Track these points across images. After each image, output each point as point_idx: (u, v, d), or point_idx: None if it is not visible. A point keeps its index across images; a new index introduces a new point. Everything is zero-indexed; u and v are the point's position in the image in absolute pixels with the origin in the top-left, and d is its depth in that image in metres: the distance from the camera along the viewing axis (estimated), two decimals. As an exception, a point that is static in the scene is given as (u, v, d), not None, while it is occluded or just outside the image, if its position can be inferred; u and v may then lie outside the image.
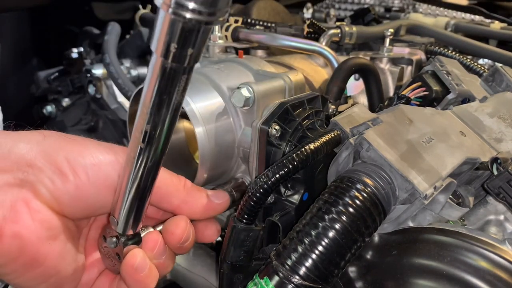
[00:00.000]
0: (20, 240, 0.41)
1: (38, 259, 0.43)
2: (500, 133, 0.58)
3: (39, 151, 0.43)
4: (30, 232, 0.42)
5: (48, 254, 0.43)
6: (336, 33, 0.91)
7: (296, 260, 0.40)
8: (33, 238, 0.42)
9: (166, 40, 0.31)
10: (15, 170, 0.42)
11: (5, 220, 0.40)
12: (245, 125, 0.63)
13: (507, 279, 0.40)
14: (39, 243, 0.43)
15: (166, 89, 0.35)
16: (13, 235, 0.41)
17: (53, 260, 0.44)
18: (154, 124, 0.37)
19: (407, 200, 0.45)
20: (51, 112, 1.25)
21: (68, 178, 0.44)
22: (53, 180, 0.43)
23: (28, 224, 0.42)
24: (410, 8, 1.68)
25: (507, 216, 0.52)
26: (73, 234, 0.48)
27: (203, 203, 0.52)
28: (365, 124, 0.50)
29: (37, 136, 0.45)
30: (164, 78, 0.34)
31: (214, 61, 0.76)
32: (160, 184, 0.51)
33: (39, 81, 1.24)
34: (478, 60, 1.10)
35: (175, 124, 0.39)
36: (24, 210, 0.41)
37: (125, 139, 1.14)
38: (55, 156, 0.44)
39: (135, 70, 1.17)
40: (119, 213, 0.45)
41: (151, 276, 0.46)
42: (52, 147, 0.44)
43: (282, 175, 0.46)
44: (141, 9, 1.15)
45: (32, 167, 0.42)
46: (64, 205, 0.44)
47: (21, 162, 0.42)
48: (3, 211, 0.40)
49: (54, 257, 0.44)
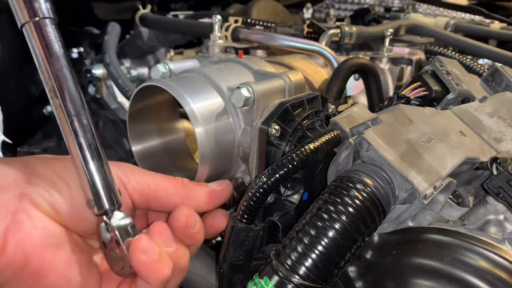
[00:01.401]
0: (24, 248, 0.42)
1: (44, 268, 0.43)
2: (500, 133, 0.58)
3: (34, 169, 0.46)
4: (33, 239, 0.42)
5: (54, 262, 0.44)
6: (336, 33, 0.91)
7: (296, 260, 0.40)
8: (37, 245, 0.43)
9: None
10: (13, 187, 0.44)
11: (8, 230, 0.41)
12: (245, 125, 0.63)
13: (507, 279, 0.40)
14: (43, 250, 0.43)
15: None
16: (16, 243, 0.41)
17: (60, 269, 0.44)
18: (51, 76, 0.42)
19: (407, 200, 0.45)
20: (51, 112, 1.25)
21: (62, 189, 0.46)
22: (49, 192, 0.45)
23: (30, 231, 0.42)
24: (410, 8, 1.69)
25: (507, 216, 0.52)
26: (82, 247, 0.48)
27: (205, 193, 0.54)
28: (365, 124, 0.50)
29: (30, 158, 0.49)
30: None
31: (214, 61, 0.76)
32: (158, 188, 0.51)
33: (39, 81, 1.23)
34: (478, 60, 1.10)
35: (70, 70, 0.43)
36: (26, 220, 0.43)
37: (125, 139, 1.14)
38: (47, 171, 0.46)
39: (135, 70, 1.17)
40: (89, 190, 0.45)
41: (163, 262, 0.45)
42: (44, 164, 0.47)
43: (282, 175, 0.46)
44: (141, 9, 1.15)
45: (30, 182, 0.44)
46: (63, 215, 0.45)
47: (18, 179, 0.44)
48: (6, 222, 0.42)
49: (61, 266, 0.44)
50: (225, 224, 0.55)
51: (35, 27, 0.41)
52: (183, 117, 0.78)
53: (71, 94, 0.42)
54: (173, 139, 0.77)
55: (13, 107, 1.24)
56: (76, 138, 0.43)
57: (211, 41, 0.83)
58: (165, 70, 0.71)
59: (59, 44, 0.42)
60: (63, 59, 0.42)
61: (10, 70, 1.20)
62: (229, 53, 0.82)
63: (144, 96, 0.67)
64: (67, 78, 0.42)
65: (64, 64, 0.42)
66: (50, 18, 0.42)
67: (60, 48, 0.42)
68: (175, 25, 1.08)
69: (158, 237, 0.47)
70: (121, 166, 0.51)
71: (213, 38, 0.83)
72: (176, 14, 1.30)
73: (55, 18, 0.42)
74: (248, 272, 0.50)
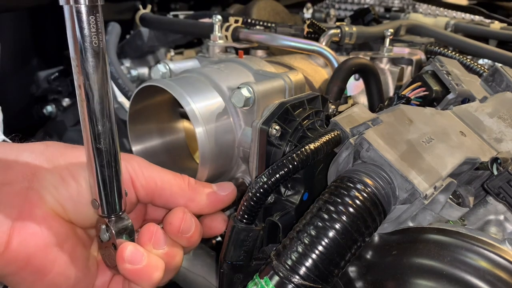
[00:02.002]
0: (27, 248, 0.42)
1: (46, 266, 0.43)
2: (500, 133, 0.58)
3: (42, 160, 0.45)
4: (37, 239, 0.42)
5: (56, 261, 0.44)
6: (336, 33, 0.91)
7: (296, 260, 0.40)
8: (41, 245, 0.43)
9: None
10: (20, 180, 0.43)
11: (13, 228, 0.41)
12: (245, 125, 0.63)
13: (507, 279, 0.40)
14: (46, 250, 0.43)
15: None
16: (20, 243, 0.41)
17: (61, 267, 0.44)
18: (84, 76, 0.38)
19: (407, 200, 0.45)
20: (51, 112, 1.25)
21: (70, 184, 0.45)
22: (56, 187, 0.44)
23: (35, 231, 0.42)
24: (410, 8, 1.69)
25: (507, 216, 0.52)
26: (83, 241, 0.48)
27: (209, 198, 0.53)
28: (365, 124, 0.50)
29: (40, 146, 0.47)
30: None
31: (214, 61, 0.76)
32: (164, 186, 0.51)
33: (39, 81, 1.24)
34: (478, 60, 1.10)
35: (106, 71, 0.39)
36: (31, 218, 0.42)
37: (125, 139, 1.14)
38: (57, 164, 0.45)
39: (135, 70, 1.17)
40: (97, 193, 0.44)
41: (151, 267, 0.45)
42: (54, 155, 0.46)
43: (282, 175, 0.46)
44: (141, 9, 1.15)
45: (36, 175, 0.44)
46: (69, 211, 0.45)
47: (25, 171, 0.44)
48: (12, 218, 0.41)
49: (63, 264, 0.44)
50: (224, 228, 0.56)
51: (75, 12, 0.35)
52: (183, 117, 0.78)
53: (100, 96, 0.39)
54: (173, 139, 0.77)
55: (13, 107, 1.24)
56: (97, 142, 0.41)
57: (211, 41, 0.83)
58: (165, 70, 0.71)
59: (99, 38, 0.36)
60: (100, 56, 0.37)
61: (10, 70, 1.20)
62: (229, 53, 0.82)
63: (144, 96, 0.67)
64: (100, 78, 0.38)
65: (100, 61, 0.37)
66: (94, 6, 0.35)
67: (100, 42, 0.37)
68: (175, 25, 1.08)
69: (147, 240, 0.47)
70: (130, 161, 0.51)
71: (213, 38, 0.83)
72: (176, 14, 1.30)
73: (101, 3, 0.36)
74: (248, 272, 0.50)
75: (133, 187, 0.50)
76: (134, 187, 0.50)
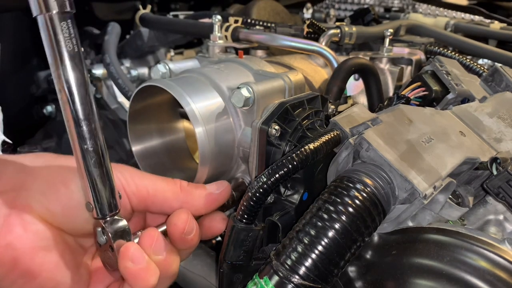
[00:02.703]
0: (13, 250, 0.42)
1: (34, 270, 0.44)
2: (500, 133, 0.58)
3: (32, 167, 0.46)
4: (23, 242, 0.43)
5: (44, 264, 0.44)
6: (336, 33, 0.91)
7: (295, 260, 0.40)
8: (27, 248, 0.43)
9: None
10: (8, 189, 0.44)
11: None
12: (245, 125, 0.63)
13: (507, 279, 0.40)
14: (32, 253, 0.43)
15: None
16: (6, 246, 0.42)
17: (49, 271, 0.45)
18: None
19: (407, 200, 0.45)
20: (51, 112, 1.25)
21: (60, 190, 0.45)
22: (44, 193, 0.45)
23: (21, 234, 0.43)
24: (410, 8, 1.69)
25: (507, 216, 0.52)
26: (73, 248, 0.49)
27: (203, 198, 0.53)
28: (364, 124, 0.50)
29: (30, 156, 0.48)
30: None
31: (214, 61, 0.76)
32: (156, 192, 0.52)
33: (39, 81, 1.24)
34: (478, 60, 1.10)
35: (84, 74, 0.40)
36: (17, 223, 0.43)
37: (125, 139, 1.14)
38: (46, 171, 0.46)
39: (135, 70, 1.17)
40: (90, 195, 0.44)
41: (150, 270, 0.46)
42: (44, 163, 0.47)
43: (282, 175, 0.46)
44: (141, 9, 1.15)
45: (25, 184, 0.45)
46: (58, 217, 0.46)
47: (14, 181, 0.44)
48: None
49: (51, 268, 0.45)
50: (223, 228, 0.56)
51: (49, 20, 0.37)
52: (183, 117, 0.78)
53: (81, 97, 0.40)
54: (173, 139, 0.77)
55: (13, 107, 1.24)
56: (82, 142, 0.42)
57: (211, 41, 0.83)
58: (165, 70, 0.71)
59: (73, 42, 0.38)
60: (76, 58, 0.39)
61: (10, 70, 1.20)
62: (229, 53, 0.82)
63: (144, 96, 0.67)
64: (78, 79, 0.40)
65: (77, 64, 0.39)
66: (66, 12, 0.37)
67: (74, 46, 0.38)
68: (175, 25, 1.08)
69: (148, 245, 0.47)
70: (122, 170, 0.51)
71: (213, 38, 0.83)
72: (176, 14, 1.30)
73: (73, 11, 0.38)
74: (248, 272, 0.50)
75: (125, 195, 0.50)
76: (127, 196, 0.51)
